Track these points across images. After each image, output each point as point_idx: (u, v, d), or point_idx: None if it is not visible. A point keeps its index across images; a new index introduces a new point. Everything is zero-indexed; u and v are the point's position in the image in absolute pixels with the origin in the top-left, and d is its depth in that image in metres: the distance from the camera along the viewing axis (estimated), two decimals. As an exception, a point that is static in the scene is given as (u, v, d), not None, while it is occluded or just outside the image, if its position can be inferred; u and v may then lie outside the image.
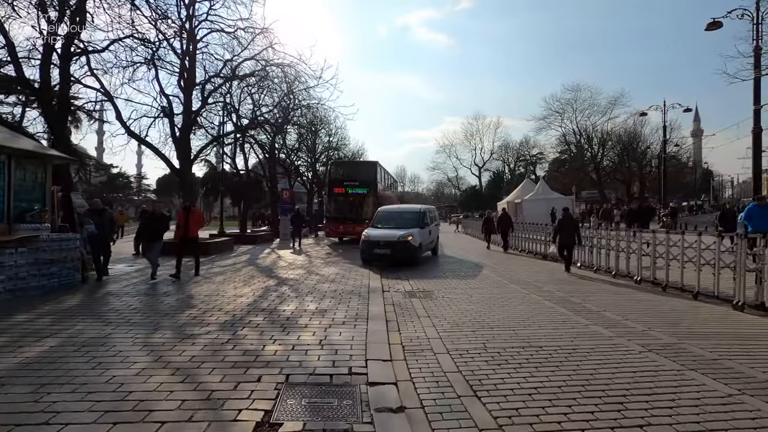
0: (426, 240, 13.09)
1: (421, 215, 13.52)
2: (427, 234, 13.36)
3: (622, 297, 7.59)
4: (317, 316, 6.02)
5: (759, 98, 14.86)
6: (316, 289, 8.10)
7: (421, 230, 12.63)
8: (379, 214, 14.12)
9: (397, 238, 11.78)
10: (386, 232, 12.25)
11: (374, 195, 20.39)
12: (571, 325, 5.67)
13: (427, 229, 13.34)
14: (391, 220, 13.31)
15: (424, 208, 14.52)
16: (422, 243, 12.48)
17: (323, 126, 36.27)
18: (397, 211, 14.41)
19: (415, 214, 13.58)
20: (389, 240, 11.80)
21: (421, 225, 12.92)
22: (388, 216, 13.75)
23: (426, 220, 13.56)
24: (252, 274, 10.07)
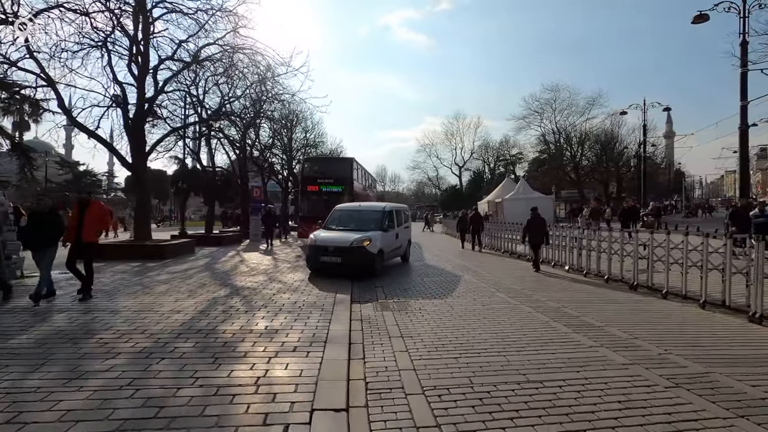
0: (390, 245, 11.08)
1: (385, 215, 11.13)
2: (392, 238, 11.29)
3: (622, 307, 6.70)
4: (264, 339, 4.86)
5: (746, 94, 14.42)
6: (273, 301, 6.92)
7: (383, 234, 10.48)
8: (334, 213, 11.80)
9: (350, 243, 9.60)
10: (338, 236, 10.11)
11: (350, 193, 19.25)
12: (573, 346, 4.69)
13: (392, 233, 11.20)
14: (349, 220, 11.15)
15: (390, 207, 11.96)
16: (384, 249, 10.35)
17: (299, 122, 34.94)
18: (356, 210, 11.89)
19: (377, 214, 11.18)
20: (340, 245, 9.63)
21: (384, 227, 10.71)
22: (344, 215, 11.52)
23: (391, 221, 11.30)
24: (203, 282, 8.79)
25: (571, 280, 9.38)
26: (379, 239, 10.13)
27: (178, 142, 20.10)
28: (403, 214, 13.05)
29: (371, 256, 9.69)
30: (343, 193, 19.13)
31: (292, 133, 35.10)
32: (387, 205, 12.21)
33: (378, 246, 9.98)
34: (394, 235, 11.48)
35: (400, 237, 12.06)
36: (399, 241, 11.99)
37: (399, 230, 12.00)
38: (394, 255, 11.91)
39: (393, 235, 11.34)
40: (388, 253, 10.91)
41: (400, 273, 10.82)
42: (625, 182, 51.21)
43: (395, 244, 11.62)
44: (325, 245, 9.75)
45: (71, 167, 72.15)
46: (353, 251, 9.55)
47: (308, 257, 10.03)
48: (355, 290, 8.31)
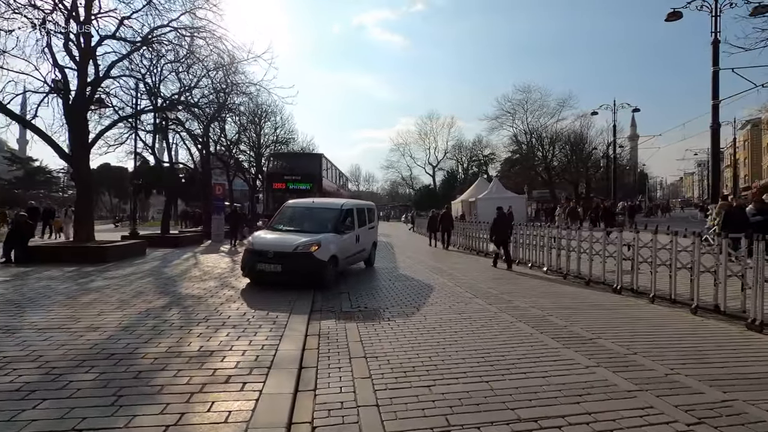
0: (348, 250, 9.36)
1: (342, 215, 9.37)
2: (351, 241, 9.55)
3: (611, 314, 6.09)
4: (192, 365, 3.90)
5: (717, 93, 14.40)
6: (218, 313, 5.93)
7: (338, 236, 8.83)
8: (282, 211, 10.03)
9: (293, 248, 7.92)
10: (280, 239, 8.46)
11: (319, 191, 18.31)
12: (567, 367, 3.96)
13: (350, 235, 9.46)
14: (300, 219, 9.46)
15: (349, 205, 10.20)
16: (339, 255, 8.62)
17: (267, 117, 33.54)
18: (307, 208, 9.91)
19: (333, 213, 9.39)
20: (281, 250, 7.95)
21: (341, 229, 9.03)
22: (294, 214, 9.74)
23: (350, 221, 9.59)
24: (142, 289, 7.65)
25: (550, 283, 8.79)
26: (332, 243, 8.46)
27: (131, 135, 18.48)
28: (367, 213, 11.16)
29: (320, 265, 7.97)
30: (312, 191, 18.15)
31: (260, 129, 33.68)
32: (346, 202, 10.38)
33: (330, 251, 8.30)
34: (354, 237, 9.75)
35: (362, 240, 10.31)
36: (361, 245, 10.26)
37: (361, 232, 10.24)
38: (354, 260, 10.24)
39: (352, 237, 9.63)
40: (346, 258, 9.26)
41: (369, 276, 9.96)
42: (594, 183, 52.32)
43: (355, 248, 9.88)
44: (264, 250, 8.09)
45: (23, 163, 67.44)
46: (297, 258, 7.88)
47: (243, 263, 8.42)
48: (317, 297, 7.39)
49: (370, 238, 11.26)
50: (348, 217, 9.62)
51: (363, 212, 10.88)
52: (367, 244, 10.98)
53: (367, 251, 11.03)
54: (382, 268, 11.20)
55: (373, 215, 12.04)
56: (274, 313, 5.93)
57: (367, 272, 10.61)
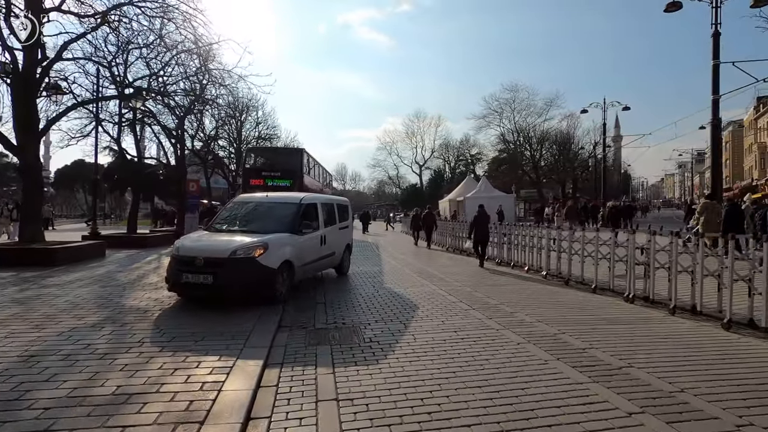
0: (309, 254, 7.64)
1: (302, 210, 7.63)
2: (314, 244, 7.89)
3: (632, 331, 5.16)
4: (94, 419, 2.81)
5: (718, 87, 13.78)
6: (161, 332, 4.82)
7: (295, 237, 7.11)
8: (228, 207, 8.44)
9: (229, 252, 6.16)
10: (215, 241, 6.73)
11: (300, 189, 17.10)
12: (605, 414, 3.00)
13: (312, 236, 7.76)
14: (249, 217, 7.72)
15: (311, 199, 8.50)
16: (295, 261, 6.93)
17: (248, 111, 32.18)
18: (260, 203, 8.13)
19: (290, 209, 7.62)
20: (212, 257, 6.17)
21: (298, 228, 7.28)
22: (242, 210, 8.01)
23: (312, 219, 7.90)
24: (79, 301, 6.47)
25: (552, 289, 7.88)
26: (285, 246, 6.76)
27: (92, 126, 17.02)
28: (337, 210, 9.37)
29: (266, 274, 6.22)
30: (292, 188, 16.94)
31: (241, 124, 32.29)
32: (307, 196, 8.56)
33: (282, 256, 6.57)
34: (318, 239, 8.03)
35: (330, 242, 8.50)
36: (328, 248, 8.45)
37: (328, 232, 8.49)
38: (320, 267, 8.50)
39: (315, 239, 7.90)
40: (306, 265, 7.47)
41: (350, 283, 8.92)
42: (580, 183, 52.23)
43: (320, 251, 8.12)
44: (191, 256, 6.23)
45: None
46: (235, 266, 6.06)
47: (167, 273, 6.62)
48: (287, 310, 6.34)
49: (341, 239, 9.46)
50: (310, 215, 7.95)
51: (331, 209, 9.12)
52: (338, 246, 9.17)
53: (337, 255, 9.18)
54: (364, 273, 10.17)
55: (346, 213, 10.10)
56: (233, 332, 4.86)
57: (348, 278, 9.55)
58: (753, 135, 49.46)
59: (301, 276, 7.40)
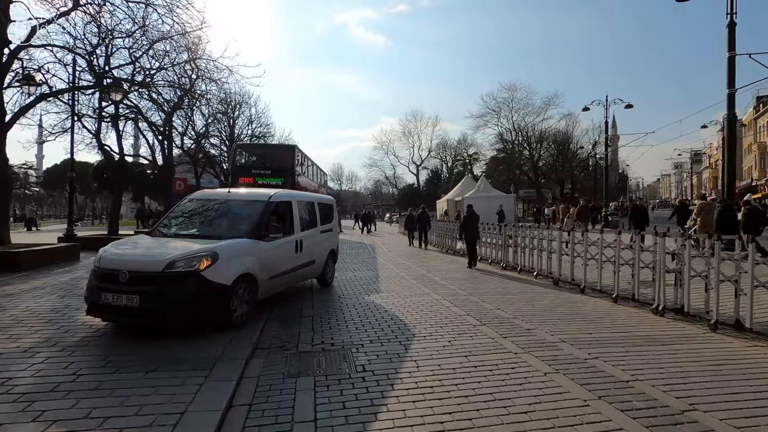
0: (280, 264, 6.18)
1: (269, 210, 6.20)
2: (286, 252, 6.42)
3: (674, 353, 4.33)
4: None
5: (733, 80, 12.92)
6: (107, 359, 3.94)
7: (258, 244, 5.69)
8: (182, 205, 6.68)
9: (164, 265, 4.73)
10: (149, 249, 5.33)
11: (292, 187, 16.20)
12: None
13: (283, 242, 6.30)
14: (204, 218, 6.30)
15: (284, 196, 6.93)
16: (258, 273, 5.55)
17: (241, 108, 31.25)
18: (219, 201, 6.59)
19: (255, 208, 6.16)
20: (141, 270, 4.79)
21: (264, 232, 5.87)
22: (197, 210, 6.49)
23: (286, 220, 6.64)
24: (24, 317, 5.56)
25: (568, 298, 7.05)
26: (243, 255, 5.35)
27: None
28: (319, 210, 7.88)
29: (216, 292, 4.83)
30: (284, 187, 16.03)
31: (233, 122, 31.36)
32: (279, 193, 6.88)
33: (238, 268, 5.16)
34: (292, 245, 6.55)
35: (308, 248, 7.02)
36: (306, 255, 7.01)
37: (307, 237, 7.02)
38: (295, 279, 6.99)
39: (288, 245, 6.43)
40: (275, 278, 6.02)
41: (343, 291, 8.05)
42: (579, 183, 51.63)
43: (295, 259, 6.67)
44: (114, 269, 4.79)
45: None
46: (172, 282, 4.65)
47: (86, 291, 5.07)
48: (269, 325, 5.48)
49: (324, 245, 7.96)
50: (282, 215, 6.65)
51: (312, 208, 7.67)
52: (319, 254, 7.68)
53: (318, 264, 7.64)
54: (359, 279, 9.30)
55: (331, 213, 8.62)
56: (196, 358, 3.99)
57: (341, 286, 8.68)
58: (752, 135, 49.05)
59: (268, 291, 5.97)
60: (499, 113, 50.75)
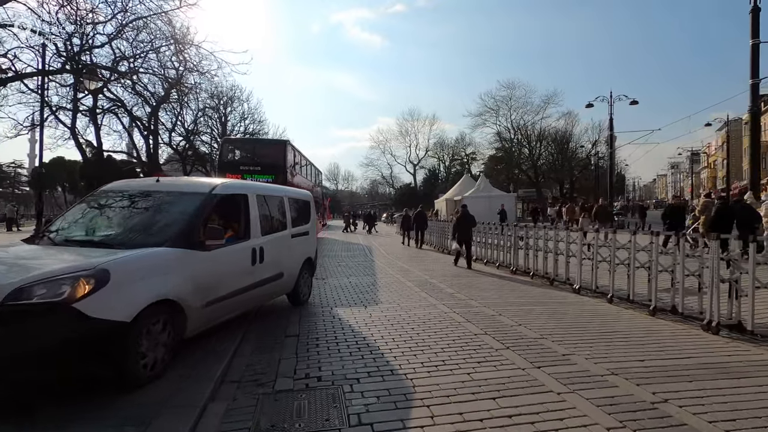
0: (225, 284, 4.46)
1: (210, 206, 4.50)
2: (238, 264, 4.78)
3: (757, 388, 3.37)
4: None
5: (757, 70, 12.13)
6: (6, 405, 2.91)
7: (189, 256, 3.97)
8: (86, 201, 5.03)
9: (4, 296, 2.95)
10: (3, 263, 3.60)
11: (284, 185, 15.17)
12: None
13: (234, 250, 4.69)
14: (118, 218, 4.61)
15: (234, 188, 5.22)
16: (189, 300, 3.87)
17: (233, 104, 30.14)
18: (141, 193, 4.83)
19: (189, 204, 4.44)
20: None
21: (197, 238, 4.11)
22: (112, 205, 4.76)
23: (237, 220, 5.06)
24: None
25: (597, 311, 6.07)
26: (162, 272, 3.73)
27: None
28: (290, 207, 6.17)
29: (103, 335, 3.14)
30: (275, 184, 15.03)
31: (225, 117, 30.24)
32: (226, 184, 5.08)
33: (149, 293, 3.50)
34: (248, 254, 4.89)
35: (270, 257, 5.26)
36: (270, 267, 5.31)
37: (270, 242, 5.33)
38: (252, 300, 5.17)
39: (240, 254, 4.80)
40: (219, 302, 4.34)
41: (336, 301, 7.03)
42: (579, 183, 50.88)
43: (252, 274, 4.97)
44: None
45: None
46: (18, 323, 2.95)
47: None
48: (243, 347, 4.48)
49: (296, 253, 6.23)
50: (230, 214, 4.95)
51: (279, 205, 5.95)
52: (290, 264, 5.93)
53: (288, 278, 5.88)
54: (354, 286, 8.29)
55: (307, 212, 6.96)
56: (130, 407, 2.96)
57: (335, 295, 7.67)
58: (753, 134, 48.45)
59: (205, 323, 4.20)
60: (497, 112, 49.98)
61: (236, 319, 5.04)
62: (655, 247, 5.99)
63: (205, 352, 4.24)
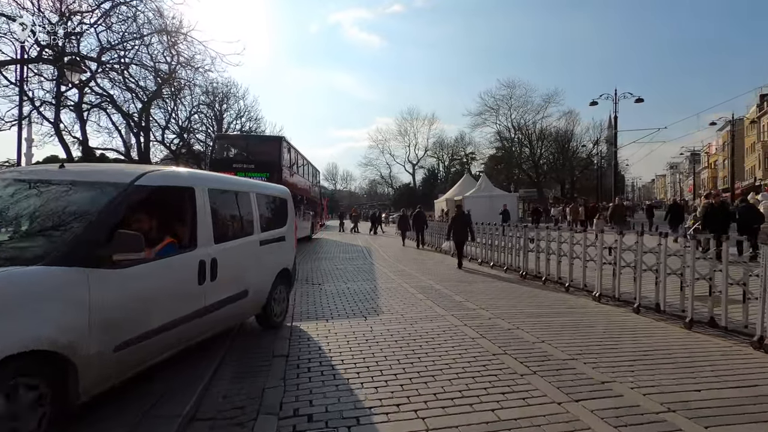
0: (146, 317, 3.13)
1: (124, 203, 3.15)
2: (177, 286, 3.51)
3: None
4: None
5: None
6: None
7: (83, 278, 2.66)
8: None
9: None
10: None
11: (279, 183, 14.48)
12: None
13: (168, 264, 3.44)
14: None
15: (168, 179, 3.78)
16: (84, 346, 2.59)
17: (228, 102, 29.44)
18: (31, 185, 3.45)
19: (99, 199, 3.11)
20: None
21: (97, 250, 2.80)
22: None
23: (186, 221, 3.80)
24: None
25: (625, 324, 5.40)
26: (32, 305, 2.41)
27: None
28: (257, 207, 4.94)
29: None
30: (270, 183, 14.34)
31: (221, 115, 29.53)
32: (155, 173, 3.59)
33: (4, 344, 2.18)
34: (192, 269, 3.62)
35: (228, 272, 4.05)
36: (226, 285, 4.05)
37: (225, 251, 4.07)
38: (201, 330, 3.82)
39: (177, 271, 3.52)
40: (140, 341, 3.02)
41: (332, 311, 6.36)
42: (578, 182, 50.34)
43: (199, 297, 3.69)
44: None
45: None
46: None
47: None
48: (222, 370, 3.81)
49: (267, 264, 5.03)
50: (167, 214, 3.87)
51: (244, 202, 4.75)
52: (257, 279, 4.72)
53: (256, 296, 4.70)
54: (352, 293, 7.61)
55: (283, 213, 5.74)
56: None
57: (331, 304, 6.99)
58: (756, 134, 48.02)
59: (115, 375, 2.93)
60: (497, 111, 49.39)
61: (216, 337, 4.35)
62: (692, 252, 5.33)
63: (173, 377, 3.56)
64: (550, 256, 8.43)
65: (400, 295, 7.34)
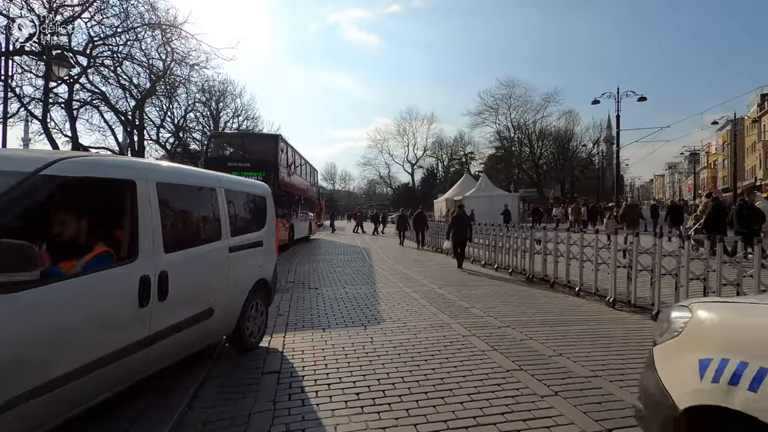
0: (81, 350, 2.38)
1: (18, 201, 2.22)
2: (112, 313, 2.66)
3: None
4: None
5: None
6: None
7: None
8: None
9: None
10: None
11: (275, 183, 14.10)
12: None
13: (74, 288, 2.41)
14: None
15: (98, 167, 2.82)
16: None
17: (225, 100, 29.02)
18: None
19: None
20: None
21: None
22: None
23: (125, 226, 2.89)
24: None
25: (640, 328, 5.01)
26: None
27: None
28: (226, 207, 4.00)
29: None
30: (267, 182, 13.91)
31: (217, 113, 29.08)
32: (76, 160, 2.63)
33: None
34: (132, 287, 2.75)
35: (184, 289, 3.25)
36: (183, 305, 3.27)
37: (180, 262, 3.22)
38: (152, 361, 2.99)
39: (113, 289, 2.67)
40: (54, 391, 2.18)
41: (328, 321, 5.95)
42: (578, 182, 50.04)
43: (147, 321, 2.85)
44: None
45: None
46: None
47: None
48: (207, 387, 3.40)
49: (239, 275, 4.13)
50: (96, 216, 2.93)
51: (208, 200, 3.88)
52: (226, 295, 3.90)
53: (225, 315, 3.87)
54: (351, 298, 7.20)
55: (262, 213, 4.90)
56: None
57: (327, 312, 6.58)
58: (756, 133, 47.79)
59: None
60: (497, 110, 49.11)
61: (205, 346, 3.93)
62: (719, 256, 4.95)
63: (153, 397, 3.15)
64: (559, 258, 8.05)
65: (401, 300, 6.93)
